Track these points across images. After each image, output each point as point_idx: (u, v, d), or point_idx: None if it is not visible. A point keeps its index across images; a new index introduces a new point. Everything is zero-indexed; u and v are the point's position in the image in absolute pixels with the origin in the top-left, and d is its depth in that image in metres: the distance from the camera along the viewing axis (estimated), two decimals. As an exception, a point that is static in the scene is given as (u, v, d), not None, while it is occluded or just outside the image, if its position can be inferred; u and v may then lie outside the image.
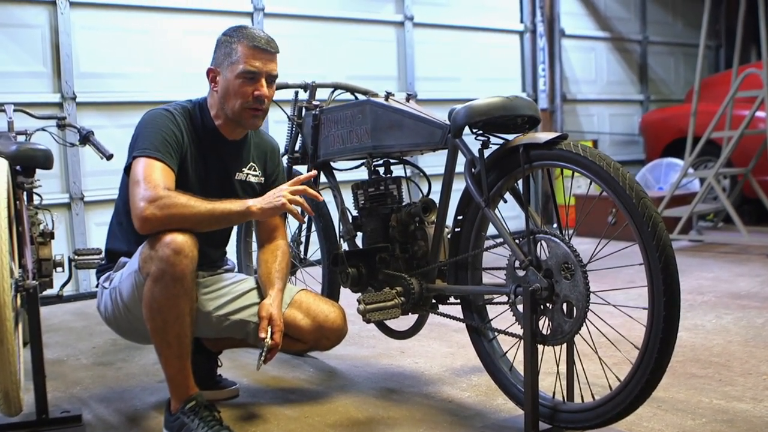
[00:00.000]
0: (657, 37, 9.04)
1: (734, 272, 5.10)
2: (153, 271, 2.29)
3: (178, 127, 2.58)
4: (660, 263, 2.04)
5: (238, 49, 2.57)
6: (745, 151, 6.49)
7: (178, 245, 2.27)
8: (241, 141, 2.76)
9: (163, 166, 2.45)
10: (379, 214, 2.98)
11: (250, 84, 2.58)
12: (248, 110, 2.60)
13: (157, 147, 2.47)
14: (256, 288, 2.77)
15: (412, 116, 2.74)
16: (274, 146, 2.94)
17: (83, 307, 4.83)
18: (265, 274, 2.74)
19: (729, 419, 2.50)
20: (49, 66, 5.12)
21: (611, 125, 8.60)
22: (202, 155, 2.66)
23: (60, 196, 5.15)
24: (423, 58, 6.93)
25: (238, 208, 2.42)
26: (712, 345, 3.38)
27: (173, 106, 2.65)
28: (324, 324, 2.73)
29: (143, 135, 2.52)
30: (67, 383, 3.19)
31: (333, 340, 2.79)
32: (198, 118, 2.67)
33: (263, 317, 2.56)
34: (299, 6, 6.22)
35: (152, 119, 2.56)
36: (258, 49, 2.57)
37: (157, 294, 2.29)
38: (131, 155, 2.49)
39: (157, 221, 2.32)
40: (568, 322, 2.24)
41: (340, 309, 2.80)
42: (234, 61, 2.57)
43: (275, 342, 2.52)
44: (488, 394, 2.83)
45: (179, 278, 2.28)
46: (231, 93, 2.59)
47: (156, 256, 2.28)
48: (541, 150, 2.31)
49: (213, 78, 2.65)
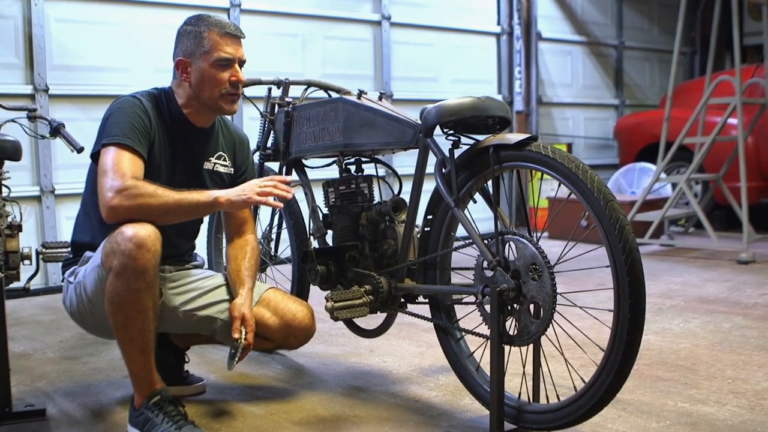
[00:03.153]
0: (633, 42, 9.11)
1: (703, 277, 5.15)
2: (115, 265, 2.27)
3: (146, 113, 2.56)
4: (626, 266, 2.06)
5: (209, 38, 2.58)
6: (716, 158, 6.56)
7: (140, 239, 2.25)
8: (209, 129, 2.75)
9: (132, 154, 2.43)
10: (350, 212, 2.97)
11: (225, 71, 2.60)
12: (226, 96, 2.62)
13: (126, 134, 2.45)
14: (224, 285, 2.75)
15: (383, 115, 2.74)
16: (243, 138, 2.93)
17: (51, 301, 4.78)
18: (234, 271, 2.73)
19: (693, 422, 2.52)
20: (21, 57, 5.07)
21: (586, 129, 8.65)
22: (170, 142, 2.64)
23: (30, 189, 5.10)
24: (399, 58, 6.94)
25: (206, 199, 2.41)
26: (678, 348, 3.40)
27: (140, 93, 2.64)
28: (292, 323, 2.72)
29: (112, 122, 2.49)
30: (33, 377, 3.16)
31: (300, 339, 2.78)
32: (165, 105, 2.65)
33: (236, 317, 2.55)
34: (276, 3, 6.20)
35: (121, 106, 2.54)
36: (229, 36, 2.61)
37: (119, 289, 2.27)
38: (100, 143, 2.47)
39: (125, 210, 2.31)
40: (534, 323, 2.25)
41: (309, 308, 2.79)
42: (207, 50, 2.58)
43: (248, 342, 2.52)
44: (455, 394, 2.84)
45: (141, 272, 2.26)
46: (207, 81, 2.59)
47: (118, 250, 2.26)
48: (511, 151, 2.31)
49: (184, 68, 2.63)
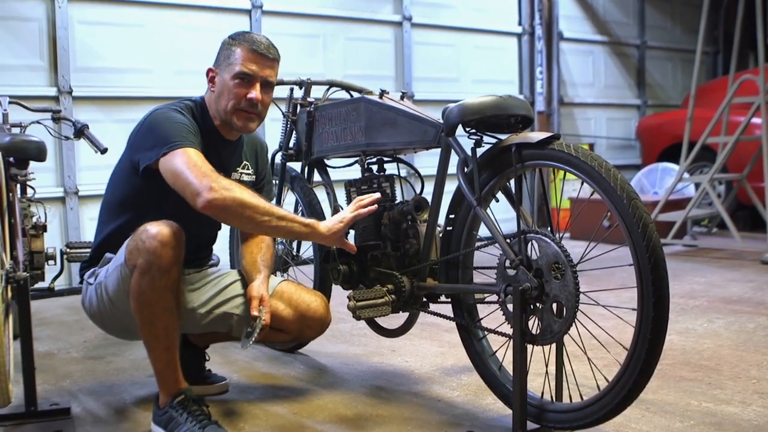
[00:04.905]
0: (655, 42, 9.06)
1: (727, 277, 5.11)
2: (140, 263, 2.28)
3: (191, 122, 2.57)
4: (649, 264, 2.04)
5: (237, 52, 2.58)
6: (740, 158, 6.51)
7: (164, 237, 2.26)
8: (236, 141, 2.77)
9: (202, 154, 2.43)
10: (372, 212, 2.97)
11: (244, 86, 2.58)
12: (240, 112, 2.60)
13: (187, 137, 2.45)
14: (239, 280, 2.77)
15: (405, 114, 2.74)
16: (263, 144, 2.96)
17: (75, 302, 4.81)
18: (250, 263, 2.75)
19: (717, 422, 2.50)
20: (45, 59, 5.13)
21: (608, 129, 8.61)
22: (205, 153, 2.65)
23: (54, 190, 5.15)
24: (421, 59, 6.94)
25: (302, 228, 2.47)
26: (702, 348, 3.38)
27: (177, 105, 2.63)
28: (306, 313, 2.72)
29: (165, 131, 2.46)
30: (57, 376, 3.19)
31: (316, 329, 2.78)
32: (200, 116, 2.66)
33: (254, 296, 2.57)
34: (298, 4, 6.22)
35: (167, 117, 2.52)
36: (256, 53, 2.58)
37: (144, 286, 2.28)
38: (157, 152, 2.42)
39: (222, 202, 2.31)
40: (557, 322, 2.24)
41: (323, 298, 2.79)
42: (231, 63, 2.58)
43: (266, 321, 2.53)
44: (477, 394, 2.83)
45: (166, 270, 2.27)
46: (225, 93, 2.60)
47: (143, 248, 2.27)
48: (534, 150, 2.31)
49: (211, 78, 2.66)
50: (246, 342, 2.49)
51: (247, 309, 2.61)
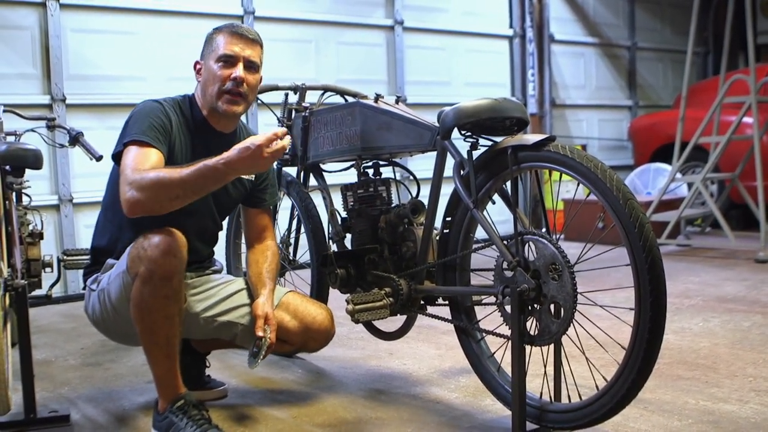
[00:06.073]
0: (646, 43, 9.09)
1: (721, 276, 5.13)
2: (142, 271, 2.29)
3: (167, 116, 2.57)
4: (646, 264, 2.06)
5: (218, 38, 2.62)
6: (732, 157, 6.54)
7: (166, 246, 2.27)
8: (231, 135, 2.75)
9: (151, 150, 2.43)
10: (368, 215, 2.99)
11: (227, 68, 2.59)
12: (225, 94, 2.59)
13: (145, 131, 2.46)
14: (244, 289, 2.77)
15: (401, 118, 2.75)
16: None
17: (72, 309, 4.81)
18: (255, 274, 2.75)
19: (715, 420, 2.52)
20: (38, 68, 5.12)
21: (600, 130, 8.64)
22: (192, 147, 2.64)
23: (49, 198, 5.15)
24: (413, 63, 6.95)
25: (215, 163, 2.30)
26: (698, 347, 3.40)
27: (164, 99, 2.66)
28: (311, 326, 2.74)
29: (132, 123, 2.51)
30: (56, 383, 3.19)
31: (320, 341, 2.80)
32: (188, 110, 2.67)
33: (259, 316, 2.59)
34: (290, 10, 6.23)
35: (141, 109, 2.57)
36: (236, 35, 2.61)
37: (146, 295, 2.29)
38: (120, 144, 2.48)
39: (141, 200, 2.27)
40: (555, 323, 2.25)
41: (328, 311, 2.80)
42: (214, 49, 2.62)
43: (271, 340, 2.54)
44: (476, 395, 2.84)
45: (168, 279, 2.28)
46: (210, 79, 2.61)
47: (145, 256, 2.28)
48: (530, 152, 2.32)
49: (198, 70, 2.69)
50: (253, 362, 2.51)
51: (252, 320, 2.63)
